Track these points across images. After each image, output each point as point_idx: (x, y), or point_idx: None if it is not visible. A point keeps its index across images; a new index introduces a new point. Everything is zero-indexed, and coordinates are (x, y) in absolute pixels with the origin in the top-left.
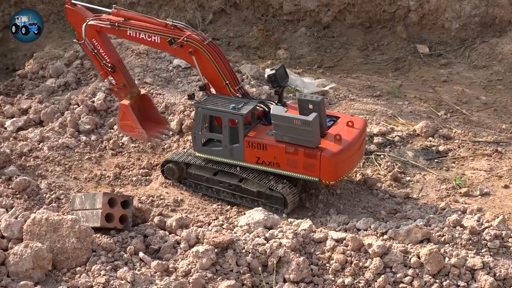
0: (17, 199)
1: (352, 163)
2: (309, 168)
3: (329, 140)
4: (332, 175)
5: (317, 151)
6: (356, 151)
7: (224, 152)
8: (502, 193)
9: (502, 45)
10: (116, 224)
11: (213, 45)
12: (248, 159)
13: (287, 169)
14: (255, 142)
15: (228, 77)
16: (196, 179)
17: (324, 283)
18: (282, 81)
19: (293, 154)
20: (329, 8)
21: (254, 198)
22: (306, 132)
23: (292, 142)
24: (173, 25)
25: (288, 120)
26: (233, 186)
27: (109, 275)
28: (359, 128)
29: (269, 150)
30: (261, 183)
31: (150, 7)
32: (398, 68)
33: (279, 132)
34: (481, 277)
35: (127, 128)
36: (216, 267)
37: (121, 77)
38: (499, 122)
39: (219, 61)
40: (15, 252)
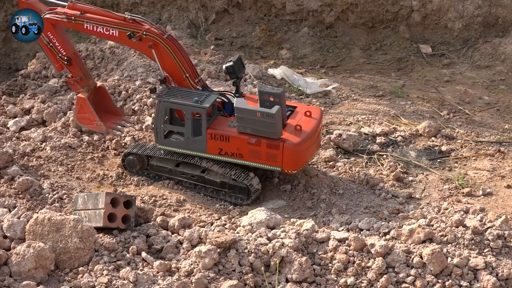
0: (20, 199)
1: (311, 152)
2: (272, 158)
3: (290, 131)
4: (294, 165)
5: (280, 142)
6: (315, 140)
7: (186, 144)
8: (505, 193)
9: (505, 45)
10: (118, 224)
11: (173, 38)
12: (210, 150)
13: (250, 160)
14: (218, 134)
15: (188, 70)
16: (158, 170)
17: (327, 283)
18: (239, 72)
19: (256, 145)
20: (332, 8)
21: (217, 189)
22: (269, 124)
23: (255, 134)
24: (132, 19)
25: (251, 112)
26: (196, 177)
27: (111, 275)
28: (317, 117)
29: (232, 141)
30: (224, 173)
31: (153, 7)
32: (400, 68)
33: (242, 124)
34: (484, 277)
35: (85, 121)
36: (219, 267)
37: (77, 70)
38: (501, 122)
39: (179, 55)
40: (17, 252)
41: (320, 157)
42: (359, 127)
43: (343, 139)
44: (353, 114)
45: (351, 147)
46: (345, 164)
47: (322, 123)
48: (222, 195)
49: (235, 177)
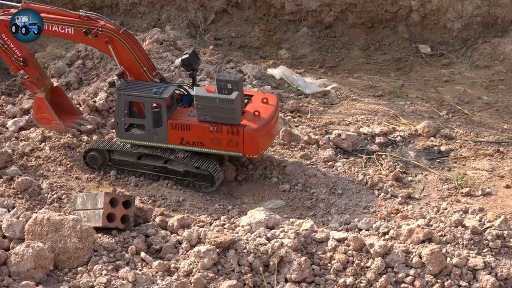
0: (19, 199)
1: (270, 137)
2: (233, 144)
3: (249, 117)
4: (255, 150)
5: (240, 128)
6: (273, 125)
7: (147, 136)
8: (504, 193)
9: (504, 45)
10: (117, 224)
11: (128, 33)
12: (172, 140)
13: (212, 147)
14: (179, 124)
15: (145, 64)
16: (120, 164)
17: (326, 283)
18: (195, 64)
19: (217, 133)
20: (331, 8)
21: (180, 178)
22: (229, 110)
23: (215, 121)
24: (87, 16)
25: (211, 100)
26: (159, 168)
27: (110, 275)
28: (274, 104)
29: (192, 130)
30: (187, 162)
31: (152, 7)
32: (400, 68)
33: (202, 112)
34: (483, 277)
35: (44, 121)
36: (218, 267)
37: (33, 70)
38: (501, 122)
39: (135, 49)
40: (16, 252)
41: (319, 157)
42: (358, 127)
43: (342, 139)
44: (352, 114)
45: (350, 147)
46: (344, 164)
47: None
48: (186, 184)
49: (198, 165)
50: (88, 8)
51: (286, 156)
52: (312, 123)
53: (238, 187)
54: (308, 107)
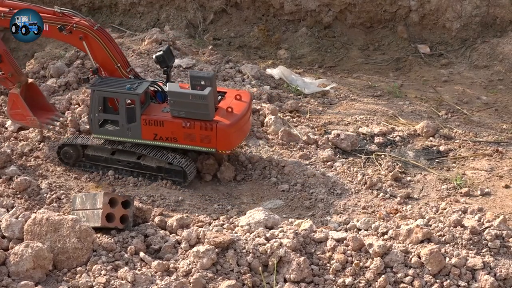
0: (18, 199)
1: (243, 133)
2: (206, 140)
3: (222, 113)
4: (227, 145)
5: (213, 124)
6: (246, 121)
7: (121, 132)
8: (503, 193)
9: (503, 45)
10: (116, 224)
11: (103, 30)
12: (145, 136)
13: (185, 143)
14: (152, 120)
15: (119, 60)
16: (94, 160)
17: (325, 283)
18: (169, 61)
19: (190, 128)
20: (330, 8)
21: (153, 174)
22: (202, 106)
23: (189, 117)
24: (62, 13)
25: (184, 95)
26: (132, 164)
27: (109, 275)
28: (247, 101)
29: (166, 126)
30: (160, 158)
31: (151, 7)
32: (399, 68)
33: (176, 108)
34: (482, 277)
35: (18, 117)
36: (217, 267)
37: (8, 66)
38: (500, 122)
39: (110, 45)
40: (15, 252)
41: (318, 157)
42: (357, 127)
43: (341, 139)
44: (351, 114)
45: (349, 147)
46: (343, 164)
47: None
48: (159, 179)
49: (171, 161)
50: (87, 8)
51: (285, 156)
52: (311, 123)
53: (237, 187)
54: (307, 107)
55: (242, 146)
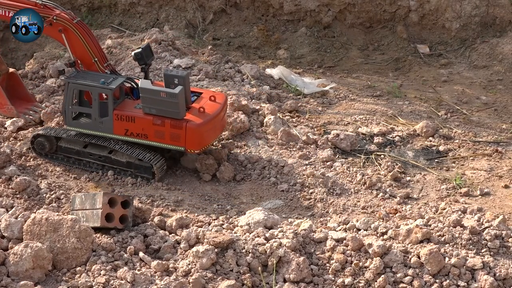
0: (17, 199)
1: (214, 134)
2: (176, 138)
3: (194, 113)
4: (196, 145)
5: (183, 122)
6: (218, 123)
7: (94, 125)
8: (502, 193)
9: (503, 45)
10: (116, 224)
11: (82, 24)
12: (117, 131)
13: (155, 140)
14: (124, 115)
15: (96, 55)
16: (66, 152)
17: (324, 283)
18: (148, 59)
19: (160, 126)
20: (329, 8)
21: (123, 169)
22: (172, 104)
23: (159, 114)
24: (43, 4)
25: (155, 93)
26: (103, 158)
27: (109, 275)
28: (221, 102)
29: (137, 122)
30: (130, 154)
31: (151, 7)
32: (398, 68)
33: (147, 105)
34: (481, 277)
35: None
36: (216, 267)
37: None
38: (499, 122)
39: (88, 39)
40: (15, 252)
41: (317, 157)
42: (357, 127)
43: (340, 139)
44: (351, 114)
45: (349, 147)
46: (342, 164)
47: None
48: (129, 175)
49: (140, 157)
50: (86, 8)
51: (285, 156)
52: (310, 123)
53: (236, 187)
54: (307, 107)
55: (241, 146)
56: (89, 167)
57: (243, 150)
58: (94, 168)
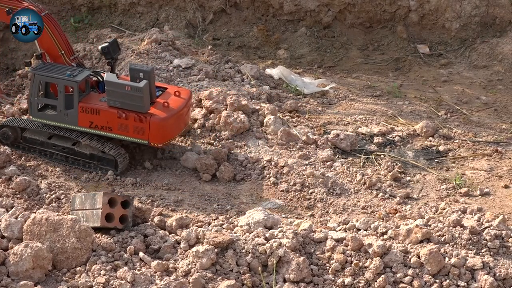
0: (17, 199)
1: (178, 128)
2: (139, 131)
3: (158, 107)
4: (159, 139)
5: (147, 116)
6: (182, 118)
7: (59, 117)
8: (502, 193)
9: (503, 45)
10: (116, 224)
11: (50, 16)
12: (82, 123)
13: (119, 133)
14: (89, 108)
15: (63, 48)
16: (31, 142)
17: (324, 283)
18: (114, 53)
19: (125, 119)
20: (329, 8)
21: (86, 161)
22: (137, 98)
23: (124, 108)
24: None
25: (120, 86)
26: (67, 149)
27: (109, 275)
28: (185, 98)
29: (102, 115)
30: (93, 146)
31: (151, 7)
32: (398, 68)
33: (112, 98)
34: (481, 277)
35: None
36: (216, 267)
37: None
38: (499, 122)
39: (55, 32)
40: (15, 252)
41: (317, 157)
42: (357, 127)
43: (340, 139)
44: (351, 114)
45: (349, 147)
46: (342, 164)
47: (192, 103)
48: (92, 167)
49: (103, 149)
50: (86, 8)
51: (285, 156)
52: (310, 123)
53: (236, 187)
54: (307, 107)
55: (241, 146)
56: (53, 159)
57: (243, 150)
58: (57, 159)
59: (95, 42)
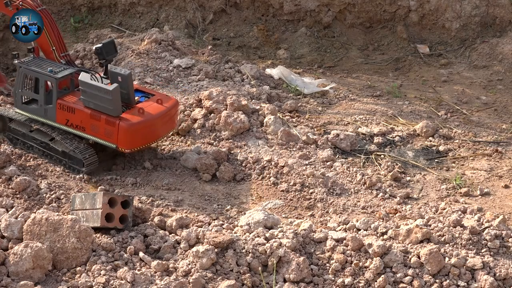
0: (17, 199)
1: (152, 136)
2: (109, 134)
3: (132, 112)
4: (128, 144)
5: (117, 120)
6: (161, 126)
7: (39, 112)
8: (502, 193)
9: (503, 45)
10: (116, 224)
11: (46, 12)
12: (59, 120)
13: (91, 134)
14: (66, 105)
15: (55, 44)
16: (15, 133)
17: (324, 283)
18: (108, 55)
19: (96, 120)
20: (329, 8)
21: (59, 158)
22: (107, 101)
23: (96, 109)
24: None
25: (93, 87)
26: (44, 144)
27: (109, 275)
28: (167, 106)
29: (77, 114)
30: (65, 144)
31: (151, 7)
32: (398, 68)
33: (86, 98)
34: (481, 277)
35: None
36: (216, 267)
37: None
38: (499, 122)
39: (49, 28)
40: (15, 252)
41: (317, 157)
42: (357, 127)
43: (340, 139)
44: (351, 114)
45: (349, 147)
46: (342, 164)
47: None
48: (63, 164)
49: (73, 148)
50: (86, 8)
51: (285, 156)
52: (310, 123)
53: (236, 187)
54: (307, 107)
55: (241, 146)
56: (32, 151)
57: (243, 150)
58: (36, 153)
59: (95, 42)
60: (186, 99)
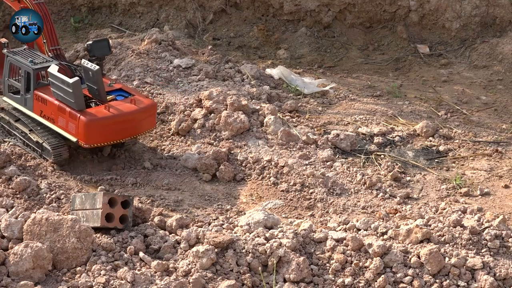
0: (17, 199)
1: (117, 134)
2: (72, 128)
3: (99, 108)
4: (88, 140)
5: (79, 114)
6: (127, 124)
7: (21, 101)
8: (503, 193)
9: (503, 45)
10: (116, 224)
11: (43, 5)
12: (35, 111)
13: (58, 126)
14: (40, 97)
15: (47, 37)
16: (3, 121)
17: (324, 283)
18: (98, 53)
19: (63, 113)
20: (329, 8)
21: (35, 148)
22: (69, 94)
23: (63, 102)
24: None
25: (58, 79)
26: (23, 134)
27: (109, 275)
28: (139, 106)
29: (48, 105)
30: (40, 135)
31: (151, 7)
32: (398, 68)
33: (54, 90)
34: (481, 277)
35: None
36: (216, 267)
37: None
38: (499, 122)
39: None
40: (15, 252)
41: (317, 157)
42: (357, 127)
43: (340, 139)
44: (351, 114)
45: (349, 147)
46: (342, 164)
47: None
48: (38, 154)
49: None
50: (86, 8)
51: (285, 156)
52: (310, 123)
53: (236, 187)
54: (307, 107)
55: (241, 146)
56: (16, 140)
57: (243, 150)
58: (19, 142)
59: None
60: (186, 99)
